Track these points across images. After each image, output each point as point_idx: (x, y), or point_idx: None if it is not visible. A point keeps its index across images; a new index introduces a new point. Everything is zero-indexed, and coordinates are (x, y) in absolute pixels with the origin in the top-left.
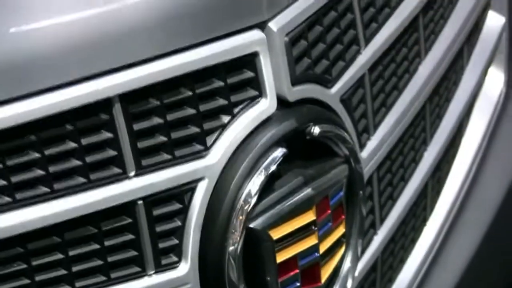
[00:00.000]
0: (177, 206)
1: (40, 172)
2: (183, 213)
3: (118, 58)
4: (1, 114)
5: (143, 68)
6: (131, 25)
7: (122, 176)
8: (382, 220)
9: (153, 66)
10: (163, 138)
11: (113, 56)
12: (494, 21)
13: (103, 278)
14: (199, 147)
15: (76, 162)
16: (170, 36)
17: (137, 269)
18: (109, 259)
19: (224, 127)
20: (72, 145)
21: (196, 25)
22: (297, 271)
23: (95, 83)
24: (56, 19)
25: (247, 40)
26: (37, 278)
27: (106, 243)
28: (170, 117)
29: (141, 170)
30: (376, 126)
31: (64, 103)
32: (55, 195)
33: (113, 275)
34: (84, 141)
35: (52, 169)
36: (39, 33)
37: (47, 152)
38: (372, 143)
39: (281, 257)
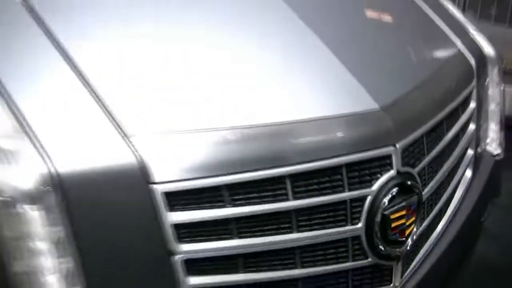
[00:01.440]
0: (360, 203)
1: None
2: (362, 206)
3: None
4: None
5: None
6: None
7: (341, 190)
8: (427, 216)
9: (354, 155)
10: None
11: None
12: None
13: (333, 219)
14: (369, 184)
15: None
16: (351, 147)
17: (344, 223)
18: (335, 218)
19: (377, 178)
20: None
21: (368, 143)
22: (397, 230)
23: (332, 160)
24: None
25: (386, 149)
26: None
27: (336, 214)
28: (362, 173)
29: (349, 191)
30: (427, 184)
31: (320, 166)
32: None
33: (336, 224)
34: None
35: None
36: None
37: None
38: (425, 191)
39: (393, 225)
